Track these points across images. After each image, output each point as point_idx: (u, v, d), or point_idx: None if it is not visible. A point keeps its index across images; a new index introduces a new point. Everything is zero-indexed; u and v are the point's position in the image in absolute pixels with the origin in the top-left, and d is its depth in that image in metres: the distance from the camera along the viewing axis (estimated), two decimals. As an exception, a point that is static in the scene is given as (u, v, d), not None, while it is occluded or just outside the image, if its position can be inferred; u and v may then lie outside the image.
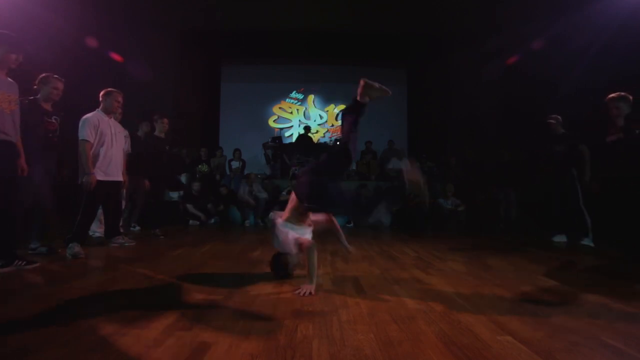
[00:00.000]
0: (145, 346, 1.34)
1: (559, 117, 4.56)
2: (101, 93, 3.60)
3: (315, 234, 2.42)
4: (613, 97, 3.60)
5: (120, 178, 3.69)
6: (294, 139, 9.55)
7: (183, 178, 7.09)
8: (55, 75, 3.22)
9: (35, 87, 3.13)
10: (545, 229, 4.75)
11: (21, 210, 2.74)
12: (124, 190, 4.20)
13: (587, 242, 4.19)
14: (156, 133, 4.86)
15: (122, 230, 4.01)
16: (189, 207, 6.45)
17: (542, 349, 1.35)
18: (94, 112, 3.51)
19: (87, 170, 3.31)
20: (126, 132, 4.43)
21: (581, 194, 4.29)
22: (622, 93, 3.59)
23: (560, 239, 4.52)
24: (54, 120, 3.25)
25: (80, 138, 3.36)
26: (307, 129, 9.20)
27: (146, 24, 8.20)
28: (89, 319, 1.63)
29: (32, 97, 3.14)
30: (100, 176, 3.42)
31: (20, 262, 2.60)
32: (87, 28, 6.75)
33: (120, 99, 3.63)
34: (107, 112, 3.59)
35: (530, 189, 6.58)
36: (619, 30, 5.56)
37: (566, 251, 4.01)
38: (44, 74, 3.15)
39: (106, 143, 3.51)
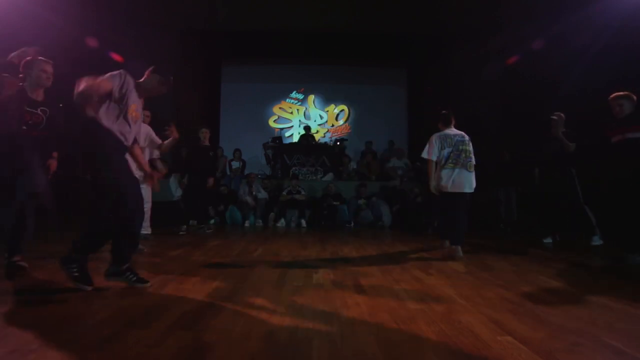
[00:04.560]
0: (145, 346, 1.34)
1: (562, 114, 4.35)
2: None
3: (317, 235, 2.42)
4: (615, 95, 3.46)
5: None
6: (294, 139, 9.54)
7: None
8: (41, 57, 2.68)
9: (21, 75, 2.66)
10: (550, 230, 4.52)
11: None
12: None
13: (596, 241, 4.10)
14: (201, 141, 5.58)
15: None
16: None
17: (542, 349, 1.35)
18: None
19: None
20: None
21: (581, 193, 4.18)
22: (625, 92, 3.43)
23: (547, 240, 4.38)
24: (39, 112, 2.67)
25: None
26: (307, 128, 9.20)
27: (146, 24, 8.19)
28: (89, 319, 1.63)
29: (21, 85, 2.68)
30: None
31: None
32: (87, 28, 6.74)
33: None
34: None
35: (531, 189, 6.56)
36: (619, 30, 5.55)
37: (566, 251, 4.00)
38: (27, 58, 2.65)
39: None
